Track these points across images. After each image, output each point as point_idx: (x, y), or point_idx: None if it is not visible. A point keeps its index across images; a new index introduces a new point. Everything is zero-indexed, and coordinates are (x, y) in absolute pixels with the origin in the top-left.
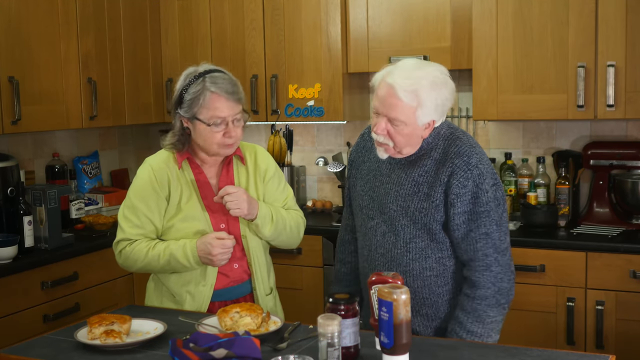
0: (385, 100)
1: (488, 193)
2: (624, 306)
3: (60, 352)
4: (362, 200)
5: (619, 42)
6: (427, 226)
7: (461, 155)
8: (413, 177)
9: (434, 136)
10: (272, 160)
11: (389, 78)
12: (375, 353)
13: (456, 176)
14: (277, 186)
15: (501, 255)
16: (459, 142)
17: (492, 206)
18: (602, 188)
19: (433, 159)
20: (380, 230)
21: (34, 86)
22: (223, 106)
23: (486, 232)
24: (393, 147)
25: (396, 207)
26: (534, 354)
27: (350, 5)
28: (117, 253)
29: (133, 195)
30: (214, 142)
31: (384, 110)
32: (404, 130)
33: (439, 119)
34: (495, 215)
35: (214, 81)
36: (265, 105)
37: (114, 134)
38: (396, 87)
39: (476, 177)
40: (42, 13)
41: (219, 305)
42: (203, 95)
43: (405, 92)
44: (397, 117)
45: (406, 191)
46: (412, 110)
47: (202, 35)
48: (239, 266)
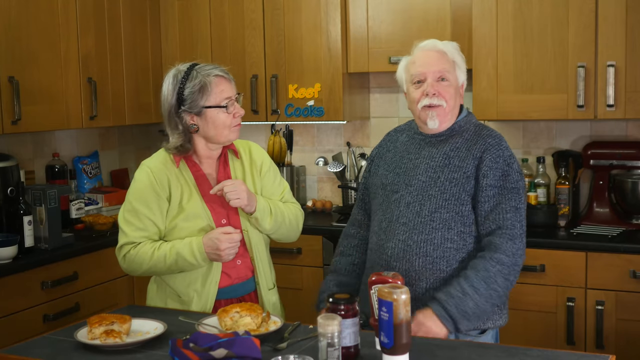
0: (431, 59)
1: (517, 174)
2: (624, 306)
3: (60, 352)
4: (386, 179)
5: (619, 42)
6: (456, 196)
7: (493, 137)
8: (444, 151)
9: (466, 122)
10: (266, 155)
11: (425, 47)
12: (375, 353)
13: (489, 152)
14: (274, 180)
15: (522, 236)
16: (490, 129)
17: (521, 186)
18: (602, 188)
19: (464, 138)
20: (404, 201)
21: (34, 86)
22: (227, 87)
23: (516, 207)
24: (445, 108)
25: (425, 178)
26: (534, 354)
27: (350, 5)
28: (121, 258)
29: (133, 198)
30: (226, 126)
31: (432, 68)
32: (450, 89)
33: (465, 84)
34: (523, 196)
35: (207, 69)
36: (265, 105)
37: (114, 134)
38: (438, 45)
39: (507, 158)
40: (42, 13)
41: (225, 304)
42: (206, 83)
43: (447, 49)
44: (445, 69)
45: (437, 163)
46: (453, 66)
47: (202, 35)
48: (242, 262)
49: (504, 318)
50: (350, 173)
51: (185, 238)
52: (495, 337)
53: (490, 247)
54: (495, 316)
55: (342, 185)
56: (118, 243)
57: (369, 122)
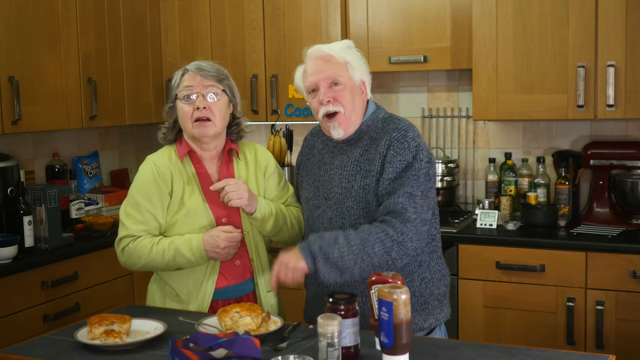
0: (319, 66)
1: (422, 163)
2: (624, 306)
3: (60, 352)
4: (308, 192)
5: (619, 42)
6: (371, 202)
7: (399, 130)
8: (354, 156)
9: (373, 119)
10: (272, 157)
11: (312, 54)
12: (375, 353)
13: (393, 147)
14: (278, 183)
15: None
16: (396, 121)
17: (422, 174)
18: (602, 188)
19: (371, 138)
20: (327, 217)
21: (34, 86)
22: (193, 80)
23: (410, 193)
24: (344, 115)
25: (341, 190)
26: (534, 354)
27: (350, 5)
28: (120, 251)
29: (135, 192)
30: (187, 119)
31: (321, 76)
32: (345, 92)
33: (368, 84)
34: (423, 184)
35: (195, 64)
36: (265, 105)
37: (114, 134)
38: (324, 49)
39: (413, 149)
40: (42, 13)
41: (222, 304)
42: (180, 76)
43: (334, 51)
44: (335, 73)
45: (349, 172)
46: (344, 68)
47: (202, 35)
48: (240, 263)
49: (445, 311)
50: None
51: (185, 235)
52: (445, 334)
53: (382, 221)
54: (435, 310)
55: None
56: (117, 236)
57: None
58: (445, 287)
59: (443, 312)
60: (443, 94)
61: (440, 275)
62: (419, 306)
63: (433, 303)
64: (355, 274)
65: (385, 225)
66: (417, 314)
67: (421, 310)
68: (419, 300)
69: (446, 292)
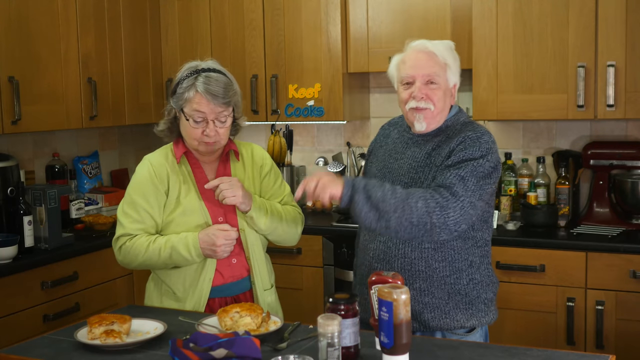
0: (420, 61)
1: (487, 163)
2: (624, 306)
3: (60, 352)
4: (375, 178)
5: (619, 42)
6: None
7: (475, 131)
8: (426, 151)
9: (453, 121)
10: (268, 157)
11: (416, 47)
12: (375, 353)
13: (464, 143)
14: (275, 182)
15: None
16: (476, 125)
17: (482, 170)
18: (602, 188)
19: (448, 136)
20: None
21: (34, 86)
22: (205, 106)
23: (462, 176)
24: (432, 111)
25: (407, 180)
26: (534, 354)
27: (350, 5)
28: (117, 249)
29: (132, 191)
30: (193, 137)
31: (420, 71)
32: (439, 92)
33: (459, 84)
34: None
35: (206, 81)
36: (265, 105)
37: (114, 134)
38: (429, 46)
39: (484, 149)
40: (42, 13)
41: (219, 302)
42: (190, 92)
43: (438, 50)
44: (435, 72)
45: (419, 163)
46: (444, 69)
47: (202, 35)
48: (237, 261)
49: (490, 315)
50: (350, 173)
51: (182, 233)
52: (485, 336)
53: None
54: (480, 313)
55: None
56: (115, 234)
57: (369, 122)
58: (493, 293)
59: (488, 315)
60: None
61: (489, 281)
62: (463, 305)
63: (479, 306)
64: (392, 223)
65: (434, 191)
66: (460, 313)
67: (465, 309)
68: (464, 299)
69: (493, 299)
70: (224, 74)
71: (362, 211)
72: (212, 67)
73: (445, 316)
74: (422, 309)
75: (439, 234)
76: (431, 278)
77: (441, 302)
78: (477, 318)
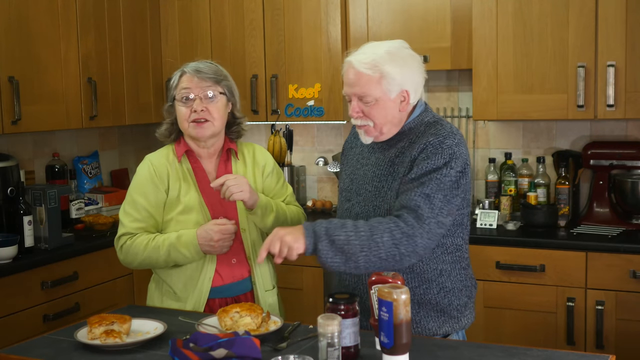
0: (349, 80)
1: (452, 171)
2: (624, 306)
3: (60, 352)
4: (344, 183)
5: (619, 42)
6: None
7: (437, 135)
8: (389, 157)
9: (417, 122)
10: (270, 157)
11: (348, 59)
12: (375, 353)
13: (426, 151)
14: (277, 182)
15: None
16: (439, 126)
17: (448, 181)
18: (602, 188)
19: (410, 141)
20: (354, 212)
21: (34, 86)
22: (190, 81)
23: (428, 194)
24: (373, 127)
25: (371, 188)
26: (534, 354)
27: (350, 5)
28: (119, 249)
29: (133, 190)
30: (184, 119)
31: (351, 90)
32: (376, 107)
33: (414, 91)
34: (447, 190)
35: (187, 66)
36: (265, 105)
37: (114, 134)
38: (354, 62)
39: (447, 156)
40: (42, 13)
41: (219, 303)
42: (177, 77)
43: (363, 65)
44: (363, 92)
45: (382, 171)
46: (376, 83)
47: (202, 35)
48: (237, 261)
49: (464, 320)
50: None
51: (180, 230)
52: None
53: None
54: (452, 320)
55: None
56: (117, 234)
57: None
58: (468, 297)
59: (462, 321)
60: (443, 94)
61: (462, 286)
62: (434, 314)
63: (451, 313)
64: (360, 263)
65: (398, 218)
66: (432, 321)
67: (436, 317)
68: (434, 308)
69: (467, 303)
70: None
71: (328, 257)
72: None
73: (416, 325)
74: None
75: (408, 261)
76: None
77: (412, 311)
78: (449, 325)
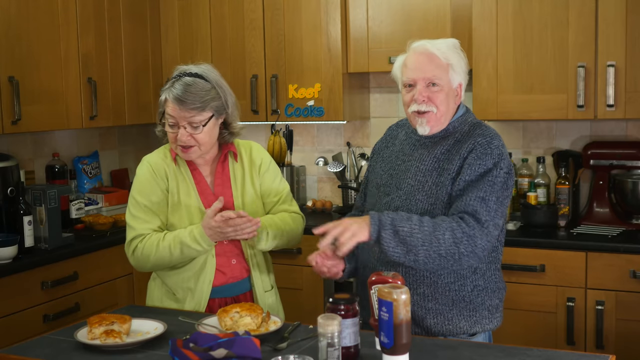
0: (421, 64)
1: (501, 172)
2: (624, 306)
3: (60, 352)
4: (381, 179)
5: (619, 42)
6: (441, 200)
7: (485, 136)
8: (435, 154)
9: (461, 122)
10: (266, 154)
11: (416, 49)
12: (375, 353)
13: (475, 151)
14: (274, 179)
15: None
16: (484, 127)
17: (499, 182)
18: (602, 188)
19: (456, 139)
20: (394, 205)
21: (34, 86)
22: (173, 110)
23: (482, 197)
24: (435, 114)
25: (414, 182)
26: (534, 354)
27: (350, 5)
28: (130, 254)
29: (136, 193)
30: (172, 142)
31: (421, 74)
32: (441, 93)
33: (465, 84)
34: (499, 192)
35: (176, 87)
36: (265, 105)
37: (114, 134)
38: (429, 46)
39: (495, 156)
40: (42, 13)
41: (219, 303)
42: (162, 97)
43: (439, 51)
44: (434, 75)
45: (426, 166)
46: (446, 70)
47: (202, 35)
48: (237, 262)
49: (494, 322)
50: (350, 173)
51: (188, 227)
52: (488, 341)
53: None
54: (484, 320)
55: (342, 185)
56: (127, 239)
57: (369, 122)
58: (499, 300)
59: (492, 322)
60: None
61: (496, 287)
62: (467, 312)
63: (483, 312)
64: (420, 257)
65: (461, 220)
66: (463, 320)
67: (469, 316)
68: (467, 306)
69: (499, 305)
70: (204, 78)
71: (390, 247)
72: (193, 72)
73: (448, 322)
74: (425, 315)
75: (467, 262)
76: (435, 284)
77: (445, 308)
78: (480, 325)
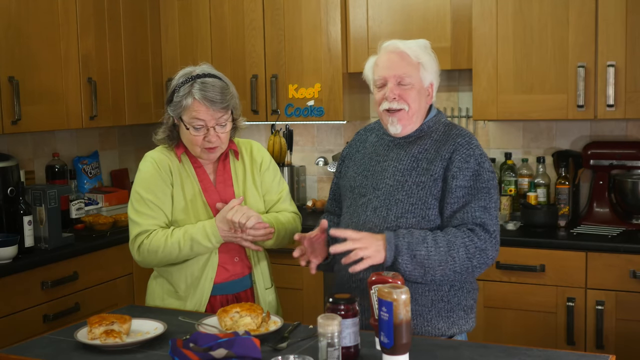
0: (392, 62)
1: (488, 173)
2: (624, 306)
3: (60, 352)
4: (355, 181)
5: (619, 42)
6: (422, 200)
7: (463, 136)
8: (412, 153)
9: (435, 122)
10: (266, 153)
11: (387, 48)
12: (375, 353)
13: (459, 152)
14: (273, 178)
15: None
16: (460, 128)
17: (492, 185)
18: (602, 188)
19: (433, 139)
20: (372, 206)
21: (34, 86)
22: (204, 113)
23: (485, 206)
24: (407, 113)
25: (393, 182)
26: (534, 354)
27: (350, 5)
28: (136, 250)
29: (140, 188)
30: (195, 145)
31: (391, 72)
32: (412, 91)
33: (436, 85)
34: (494, 195)
35: (202, 88)
36: (265, 105)
37: (114, 134)
38: (400, 44)
39: (478, 157)
40: (42, 13)
41: (220, 300)
42: (187, 99)
43: (410, 50)
44: (405, 72)
45: (404, 166)
46: (417, 68)
47: (202, 35)
48: (239, 259)
49: (470, 322)
50: None
51: (198, 223)
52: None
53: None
54: (461, 321)
55: None
56: (131, 236)
57: (369, 122)
58: (473, 300)
59: (468, 323)
60: (443, 94)
61: (471, 288)
62: (444, 312)
63: (459, 313)
64: (437, 275)
65: (472, 233)
66: (441, 320)
67: (446, 317)
68: (445, 307)
69: (473, 305)
70: (220, 78)
71: (407, 270)
72: (207, 72)
73: (427, 324)
74: None
75: (479, 272)
76: (415, 285)
77: (424, 309)
78: (457, 326)
